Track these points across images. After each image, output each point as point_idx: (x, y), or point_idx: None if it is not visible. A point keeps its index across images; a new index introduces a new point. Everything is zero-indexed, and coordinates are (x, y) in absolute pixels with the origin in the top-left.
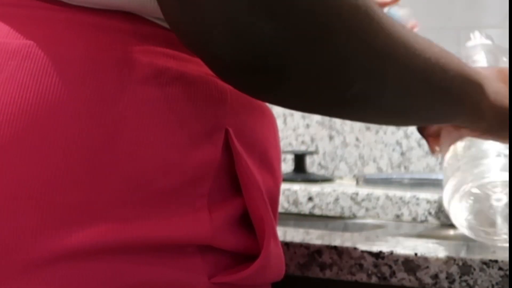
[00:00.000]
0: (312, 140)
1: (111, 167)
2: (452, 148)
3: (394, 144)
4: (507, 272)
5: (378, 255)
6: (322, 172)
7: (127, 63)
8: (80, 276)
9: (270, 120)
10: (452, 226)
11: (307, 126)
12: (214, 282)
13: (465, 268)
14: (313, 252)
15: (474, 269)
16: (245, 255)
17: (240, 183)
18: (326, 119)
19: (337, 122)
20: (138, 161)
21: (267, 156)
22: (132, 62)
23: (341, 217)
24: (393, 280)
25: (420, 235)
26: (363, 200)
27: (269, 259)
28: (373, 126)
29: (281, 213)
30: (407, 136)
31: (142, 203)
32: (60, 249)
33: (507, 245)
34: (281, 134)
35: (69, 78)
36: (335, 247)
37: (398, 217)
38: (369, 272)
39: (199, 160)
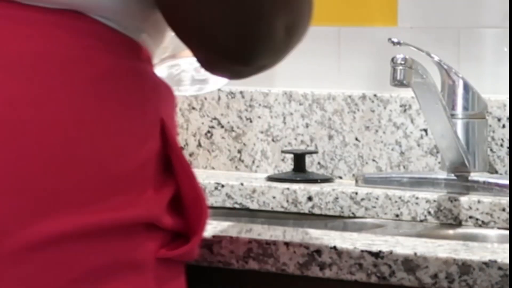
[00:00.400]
0: (312, 139)
1: (77, 157)
2: None
3: (394, 143)
4: (507, 272)
5: (378, 254)
6: (321, 172)
7: (85, 60)
8: (48, 263)
9: (174, 101)
10: (452, 225)
11: (307, 125)
12: (158, 257)
13: (465, 268)
14: (312, 252)
15: (474, 269)
16: (178, 233)
17: (174, 166)
18: (326, 118)
19: (337, 121)
20: (99, 149)
21: (175, 140)
22: (89, 58)
23: (340, 217)
24: (393, 280)
25: (419, 235)
26: (362, 199)
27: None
28: (373, 126)
29: (280, 213)
30: (406, 136)
31: (103, 188)
32: (37, 236)
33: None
34: (280, 134)
35: (30, 74)
36: (334, 247)
37: (397, 216)
38: (369, 271)
39: (147, 146)
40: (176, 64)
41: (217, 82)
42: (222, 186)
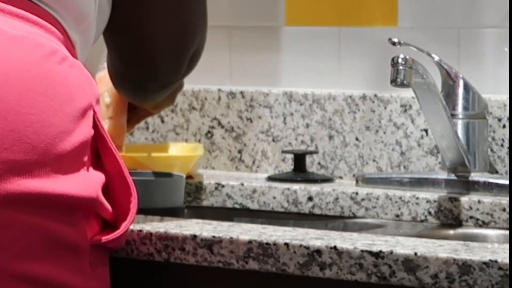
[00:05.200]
0: (312, 139)
1: (24, 132)
2: None
3: (394, 143)
4: (507, 272)
5: (378, 254)
6: (322, 172)
7: (33, 41)
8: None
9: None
10: (452, 226)
11: (307, 125)
12: (92, 243)
13: (465, 268)
14: (313, 252)
15: (474, 269)
16: (108, 222)
17: (103, 156)
18: (326, 118)
19: (337, 121)
20: (40, 129)
21: (103, 128)
22: (34, 40)
23: (340, 217)
24: (393, 280)
25: (420, 235)
26: (362, 199)
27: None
28: (373, 126)
29: (281, 213)
30: (407, 136)
31: (47, 164)
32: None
33: None
34: (281, 134)
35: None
36: (335, 247)
37: (397, 216)
38: (369, 271)
39: (82, 131)
40: None
41: None
42: (223, 186)
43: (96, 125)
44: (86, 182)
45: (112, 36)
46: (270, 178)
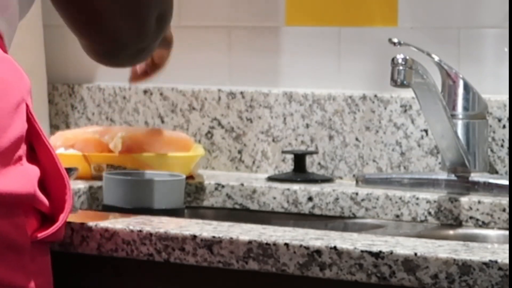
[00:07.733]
0: (312, 140)
1: None
2: None
3: (394, 144)
4: (507, 272)
5: (378, 255)
6: (322, 172)
7: None
8: None
9: (30, 86)
10: (452, 226)
11: (307, 126)
12: (32, 240)
13: (465, 268)
14: (313, 252)
15: (474, 269)
16: (45, 214)
17: (37, 149)
18: (326, 119)
19: (337, 122)
20: None
21: (36, 121)
22: None
23: (340, 217)
24: (393, 280)
25: (419, 235)
26: (362, 200)
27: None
28: (373, 126)
29: (280, 213)
30: (407, 136)
31: None
32: None
33: None
34: (280, 134)
35: None
36: (334, 247)
37: (397, 217)
38: (369, 272)
39: (17, 126)
40: None
41: None
42: (223, 186)
43: (29, 118)
44: (24, 178)
45: (63, 14)
46: (270, 179)
